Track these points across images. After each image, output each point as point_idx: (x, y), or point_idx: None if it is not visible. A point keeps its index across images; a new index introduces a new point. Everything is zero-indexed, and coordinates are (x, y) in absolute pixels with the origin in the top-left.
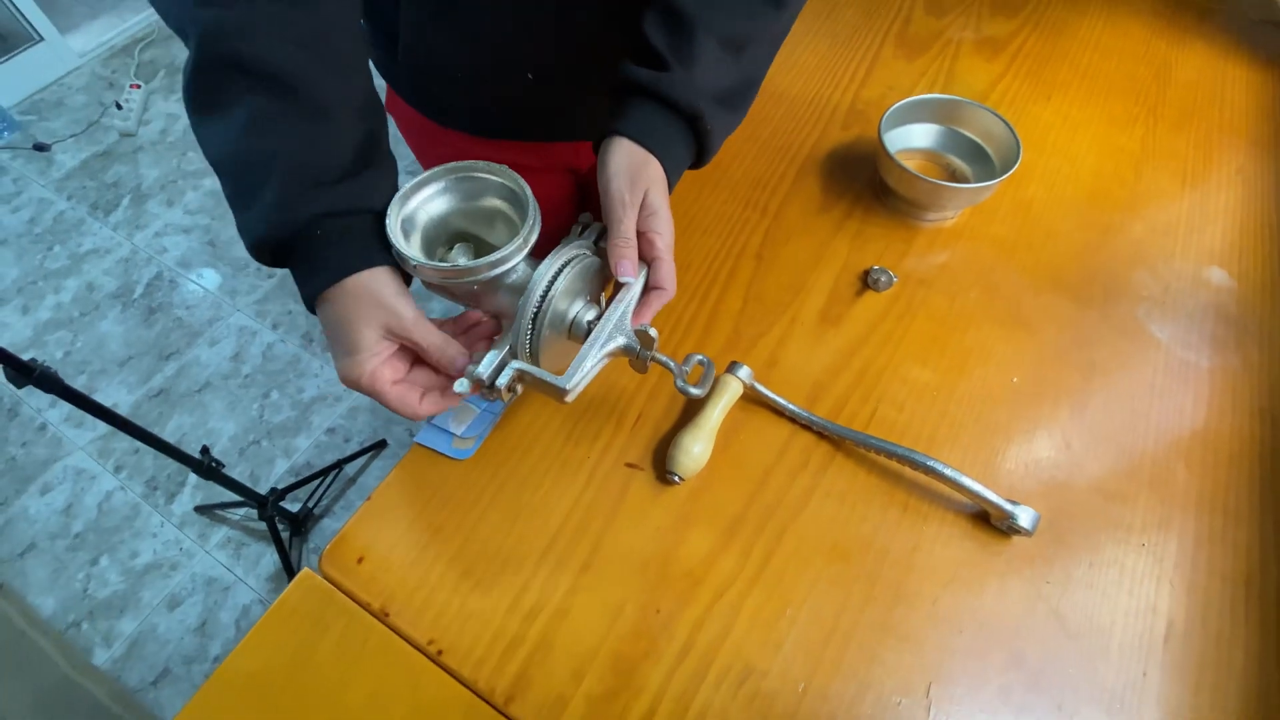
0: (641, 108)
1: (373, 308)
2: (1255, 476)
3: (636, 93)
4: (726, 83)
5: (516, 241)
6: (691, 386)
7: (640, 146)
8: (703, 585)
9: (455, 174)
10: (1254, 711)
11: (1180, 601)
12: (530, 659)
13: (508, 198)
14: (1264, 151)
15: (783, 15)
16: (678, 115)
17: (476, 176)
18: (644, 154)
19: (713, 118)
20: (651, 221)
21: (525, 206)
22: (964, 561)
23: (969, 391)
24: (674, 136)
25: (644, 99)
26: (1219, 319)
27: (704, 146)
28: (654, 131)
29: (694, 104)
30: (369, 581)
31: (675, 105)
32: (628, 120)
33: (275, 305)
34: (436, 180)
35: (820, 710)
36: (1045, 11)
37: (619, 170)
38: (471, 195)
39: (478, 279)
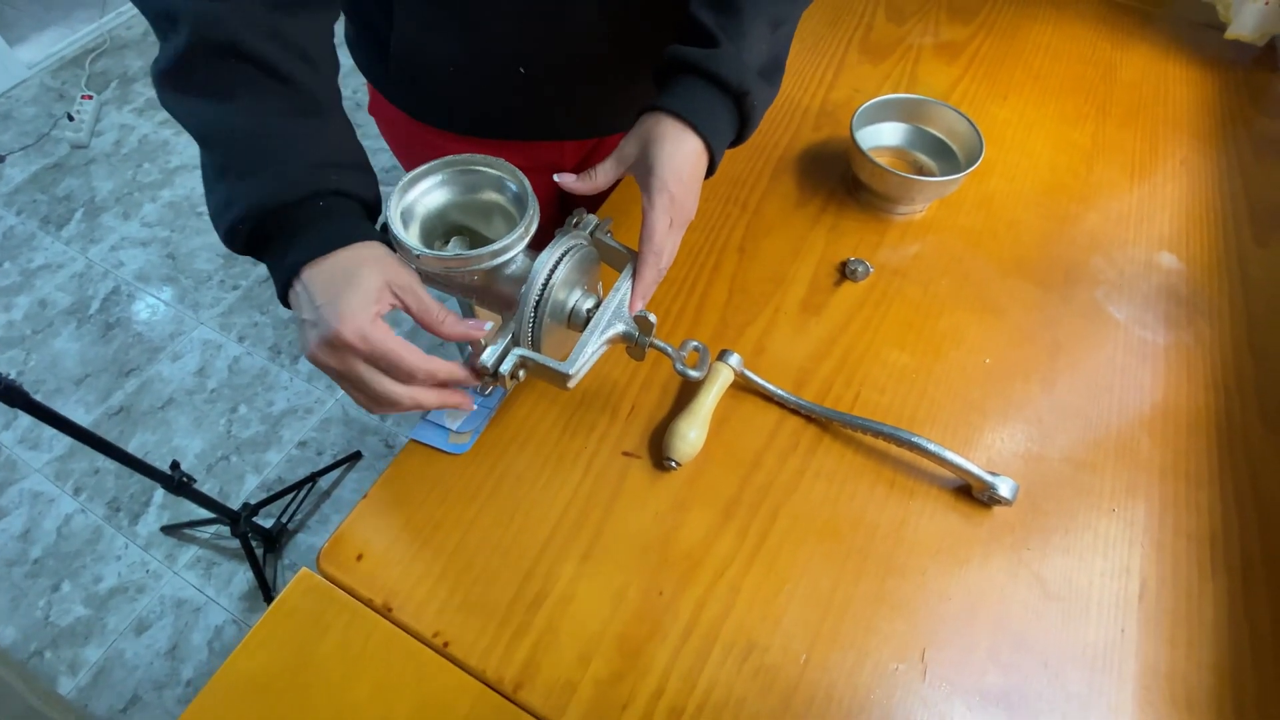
0: (689, 84)
1: (375, 261)
2: (1212, 443)
3: (685, 70)
4: (766, 59)
5: (518, 231)
6: (690, 369)
7: (678, 120)
8: (703, 566)
9: (454, 167)
10: (1225, 661)
11: (1151, 561)
12: (537, 646)
13: (505, 191)
14: (1205, 144)
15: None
16: (725, 92)
17: (476, 170)
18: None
19: (757, 93)
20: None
21: (525, 199)
22: (949, 533)
23: (945, 373)
24: (719, 112)
25: (693, 76)
26: (1171, 299)
27: (747, 121)
28: (699, 107)
29: (743, 80)
30: (369, 578)
31: (725, 82)
32: (673, 96)
33: (240, 318)
34: (436, 173)
35: (821, 680)
36: (998, 17)
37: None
38: (470, 188)
39: (479, 268)
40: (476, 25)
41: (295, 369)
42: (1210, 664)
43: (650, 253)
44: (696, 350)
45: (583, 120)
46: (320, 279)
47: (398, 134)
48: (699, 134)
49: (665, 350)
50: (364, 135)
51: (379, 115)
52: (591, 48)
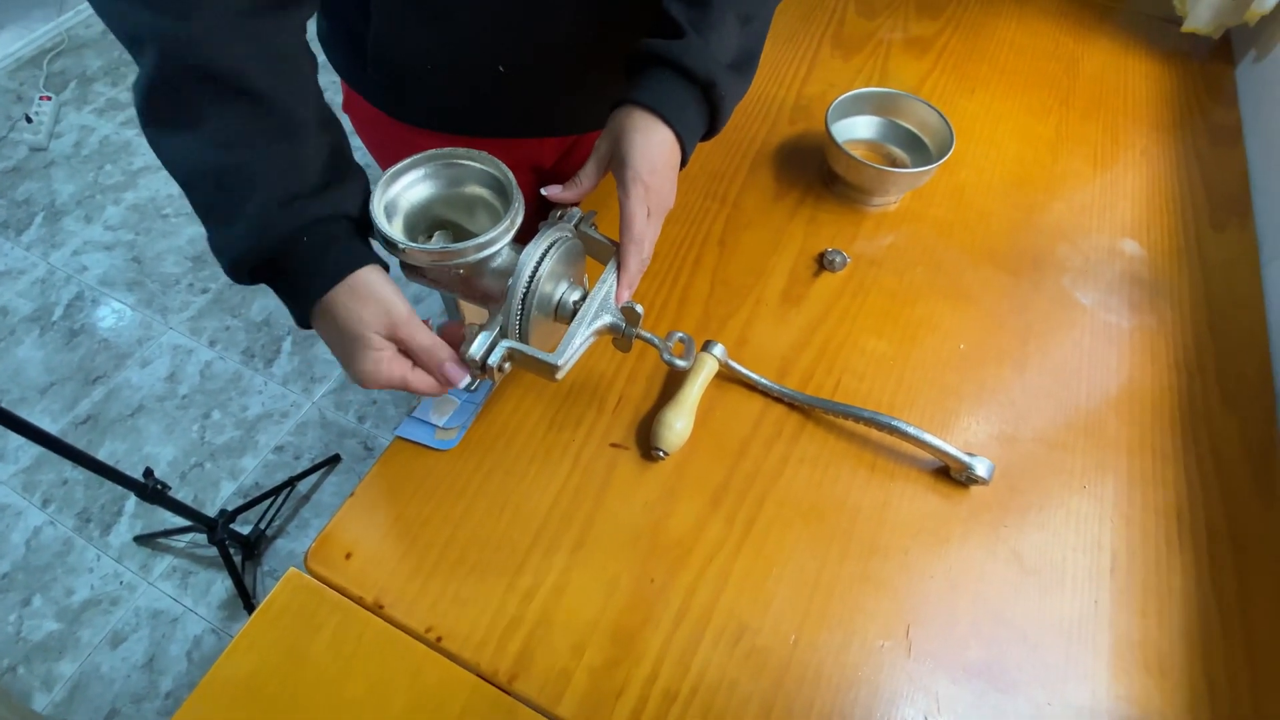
0: (656, 75)
1: (372, 305)
2: (1176, 421)
3: (652, 62)
4: (736, 52)
5: (503, 224)
6: (677, 359)
7: (647, 111)
8: (693, 553)
9: (438, 160)
10: (1194, 628)
11: (1121, 535)
12: (530, 637)
13: (489, 184)
14: (1164, 135)
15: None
16: (692, 82)
17: (459, 163)
18: (637, 113)
19: (725, 85)
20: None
21: (509, 192)
22: (930, 513)
23: (921, 359)
24: (687, 102)
25: (659, 67)
26: (1134, 284)
27: (717, 113)
28: (668, 98)
29: (709, 70)
30: (360, 576)
31: (691, 72)
32: (640, 88)
33: (211, 321)
34: (419, 166)
35: (811, 659)
36: (964, 13)
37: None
38: (453, 182)
39: (465, 261)
40: (456, 23)
41: (269, 372)
42: (1180, 631)
43: (631, 242)
44: (682, 341)
45: (562, 117)
46: (328, 333)
47: (373, 132)
48: (668, 124)
49: (652, 341)
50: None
51: (353, 113)
52: (571, 45)
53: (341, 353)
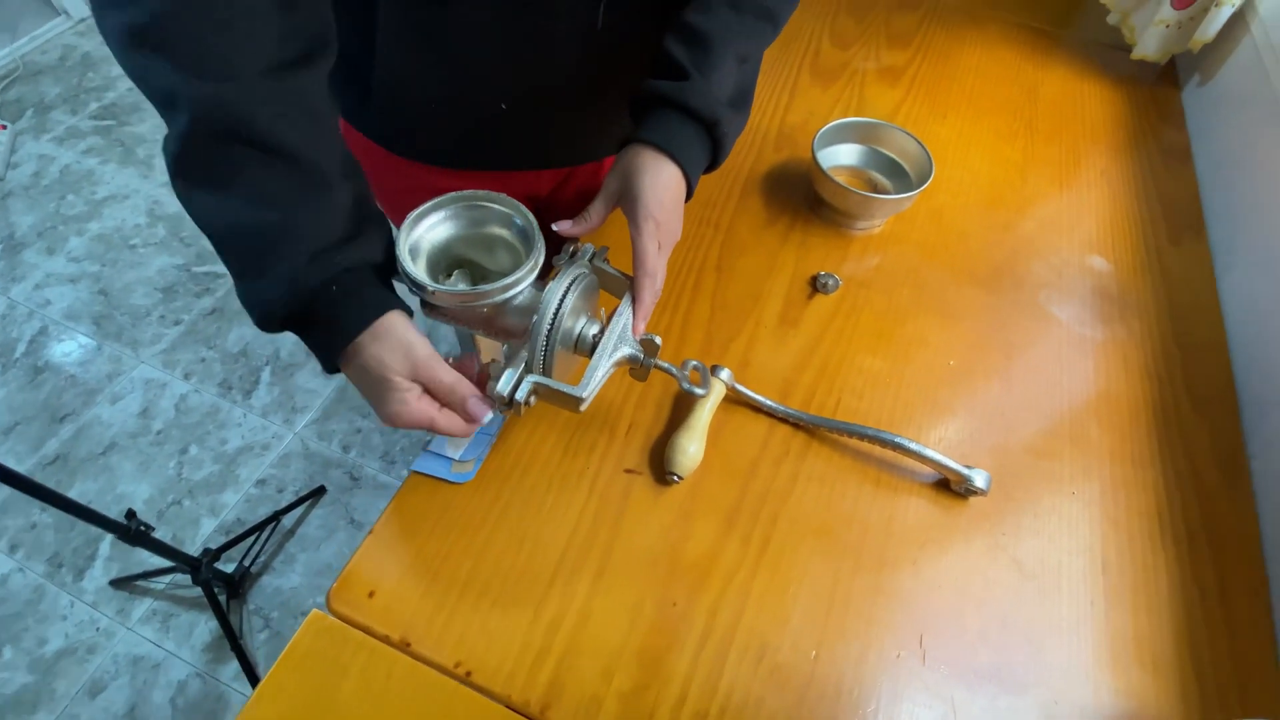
0: (663, 115)
1: (396, 350)
2: (1151, 427)
3: (658, 102)
4: (734, 89)
5: (528, 265)
6: (696, 387)
7: (655, 150)
8: (711, 574)
9: (460, 202)
10: (1181, 623)
11: (1110, 538)
12: (559, 666)
13: (509, 226)
14: (1121, 155)
15: (776, 32)
16: (697, 121)
17: (481, 205)
18: (645, 153)
19: (727, 122)
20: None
21: (530, 233)
22: (933, 524)
23: (915, 375)
24: (692, 140)
25: (665, 107)
26: (1104, 298)
27: (719, 148)
28: (674, 137)
29: (713, 110)
30: (384, 614)
31: (696, 112)
32: (648, 128)
33: (185, 353)
34: (441, 208)
35: (831, 673)
36: (932, 41)
37: (616, 166)
38: (474, 223)
39: (491, 301)
40: (462, 62)
41: (248, 404)
42: (1169, 627)
43: (645, 276)
44: (697, 370)
45: (559, 151)
46: (356, 377)
47: (368, 166)
48: (675, 161)
49: (670, 371)
50: None
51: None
52: (573, 83)
53: (370, 396)
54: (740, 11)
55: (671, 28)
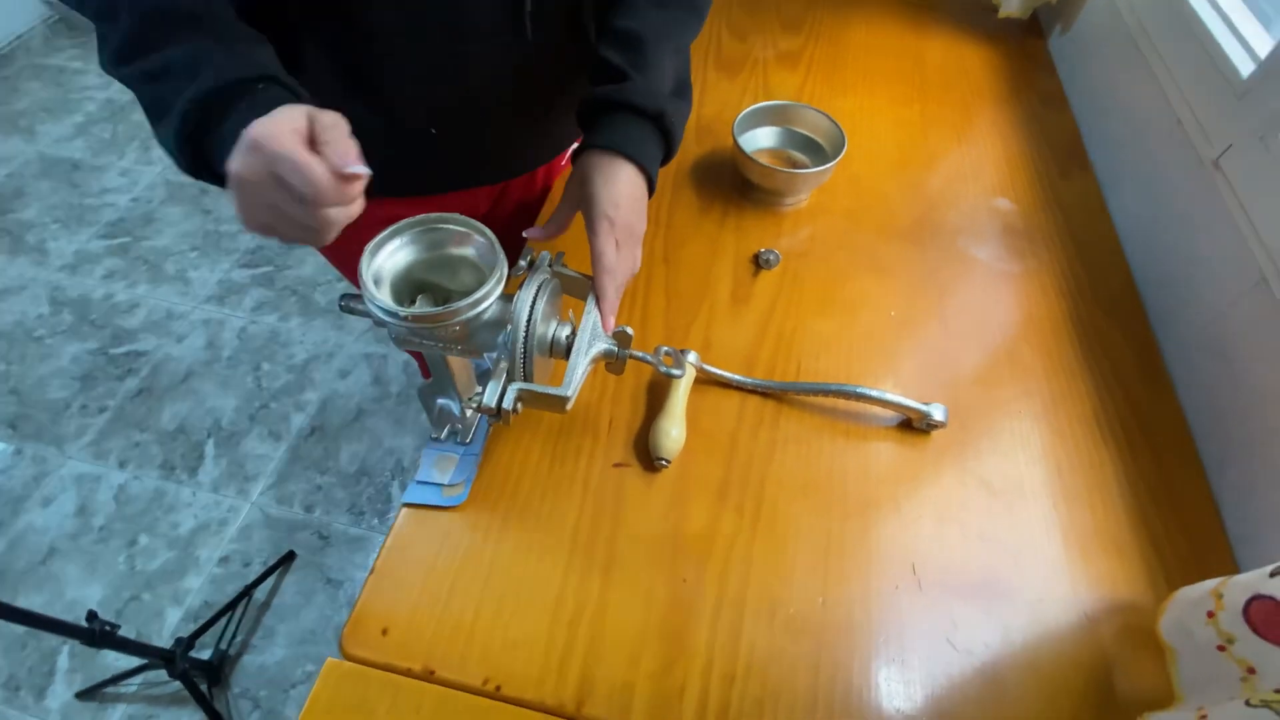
0: (611, 118)
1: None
2: (1075, 341)
3: (604, 107)
4: (674, 80)
5: (494, 278)
6: (673, 369)
7: (608, 153)
8: (714, 546)
9: (416, 227)
10: (1133, 510)
11: (1058, 446)
12: (586, 661)
13: (468, 243)
14: (1004, 105)
15: (701, 21)
16: (644, 117)
17: (437, 227)
18: (600, 156)
19: (673, 112)
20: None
21: (493, 248)
22: (905, 462)
23: (862, 330)
24: (644, 136)
25: (612, 110)
26: (1013, 234)
27: (670, 139)
28: (624, 136)
29: (658, 103)
30: (402, 648)
31: (641, 108)
32: (599, 133)
33: (116, 441)
34: (399, 235)
35: (840, 614)
36: (821, 25)
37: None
38: (434, 245)
39: (462, 319)
40: (386, 92)
41: (195, 482)
42: (1124, 514)
43: (604, 273)
44: (669, 354)
45: (492, 168)
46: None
47: None
48: (629, 159)
49: (644, 359)
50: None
51: None
52: (499, 99)
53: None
54: (665, 7)
55: (603, 36)
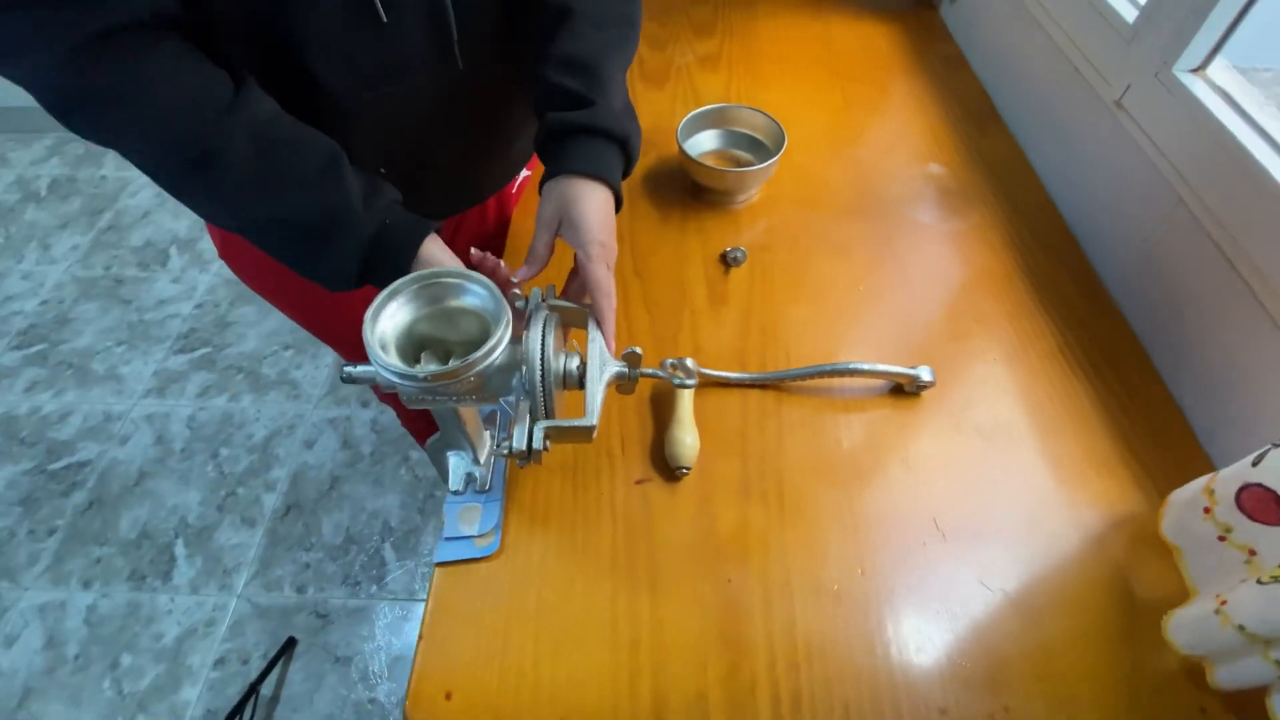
0: (582, 143)
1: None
2: (1027, 285)
3: (574, 132)
4: (624, 100)
5: (503, 324)
6: (687, 379)
7: (584, 178)
8: (749, 541)
9: (415, 284)
10: (1110, 433)
11: (1033, 385)
12: (654, 681)
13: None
14: (913, 75)
15: (638, 33)
16: (611, 140)
17: (437, 282)
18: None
19: (635, 134)
20: (577, 238)
21: (494, 295)
22: (904, 425)
23: (836, 310)
24: (613, 159)
25: (582, 135)
26: (950, 195)
27: (630, 158)
28: (600, 161)
29: (623, 127)
30: (469, 708)
31: (609, 132)
32: (572, 158)
33: (75, 561)
34: (398, 294)
35: (881, 580)
36: (731, 26)
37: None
38: (432, 300)
39: (478, 370)
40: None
41: (172, 586)
42: (1105, 437)
43: (604, 298)
44: (676, 365)
45: (444, 201)
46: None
47: (265, 273)
48: (604, 182)
49: (658, 375)
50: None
51: (235, 259)
52: (440, 135)
53: None
54: (603, 28)
55: (550, 62)
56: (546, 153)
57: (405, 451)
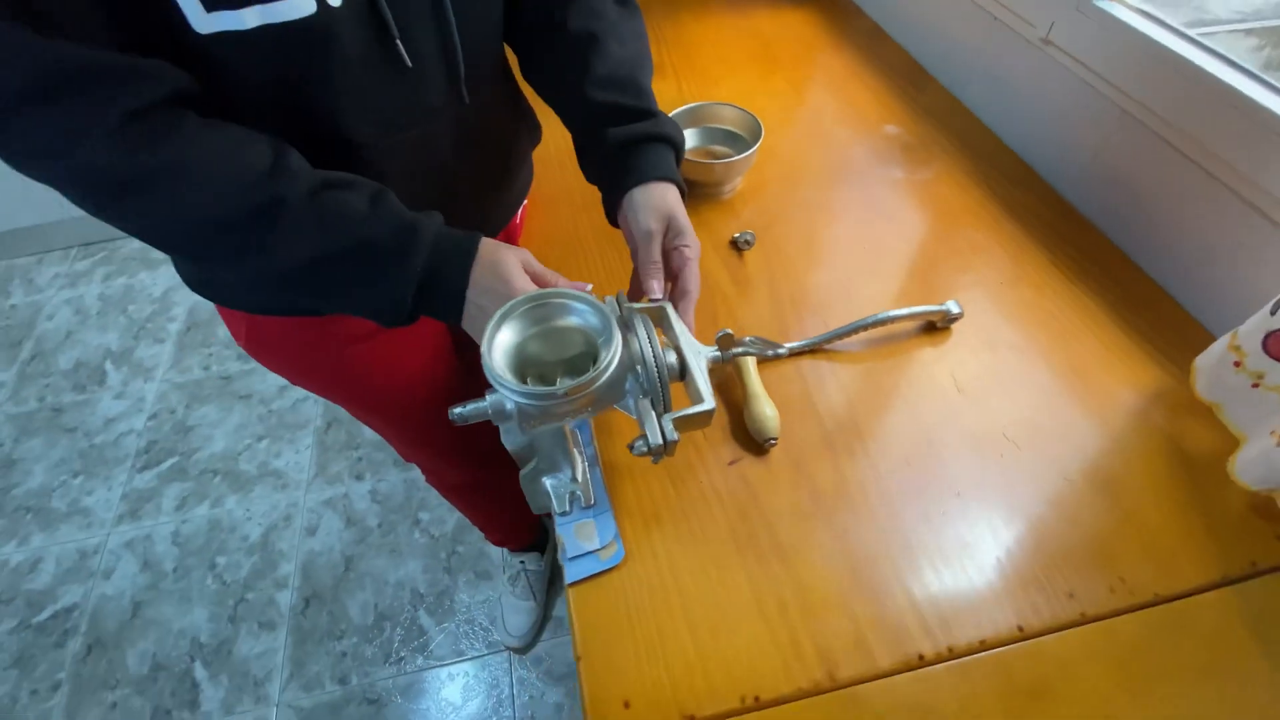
0: (655, 150)
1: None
2: (1005, 213)
3: (643, 141)
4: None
5: (617, 336)
6: (780, 348)
7: (667, 182)
8: (851, 492)
9: (529, 304)
10: (1121, 324)
11: (1042, 294)
12: (813, 638)
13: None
14: (844, 53)
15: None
16: (671, 146)
17: (547, 303)
18: (664, 187)
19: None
20: (679, 239)
21: (601, 309)
22: (947, 357)
23: (850, 269)
24: (674, 163)
25: (653, 143)
26: (912, 149)
27: (679, 161)
28: (670, 165)
29: (680, 134)
30: (652, 709)
31: (670, 139)
32: (652, 166)
33: (89, 711)
34: (508, 320)
35: (976, 496)
36: (662, 34)
37: (645, 207)
38: (538, 320)
39: (606, 377)
40: None
41: (202, 714)
42: (1115, 331)
43: (697, 290)
44: (755, 340)
45: None
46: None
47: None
48: (677, 185)
49: (747, 351)
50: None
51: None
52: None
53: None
54: (627, 44)
55: (590, 84)
56: (614, 165)
57: (414, 515)
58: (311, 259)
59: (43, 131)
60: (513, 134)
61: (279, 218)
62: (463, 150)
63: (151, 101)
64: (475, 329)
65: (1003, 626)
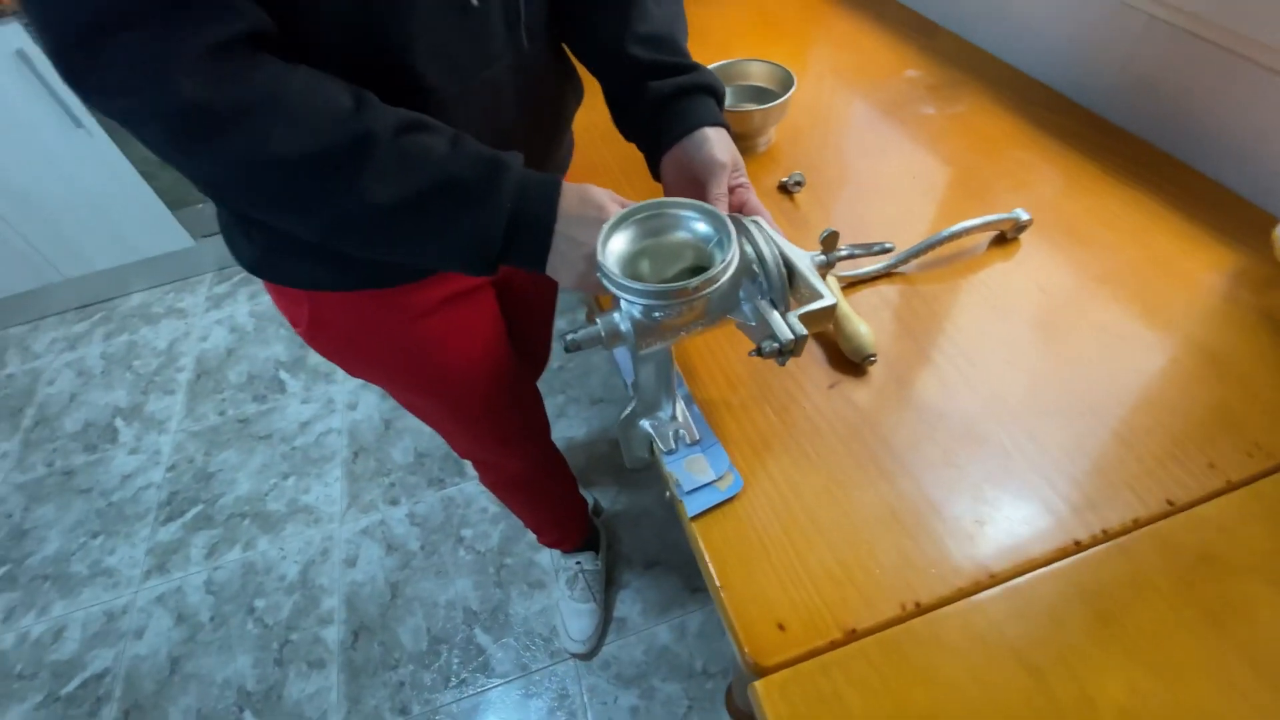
0: (703, 100)
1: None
2: (1044, 131)
3: (692, 91)
4: None
5: (734, 234)
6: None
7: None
8: (959, 398)
9: (644, 213)
10: (1184, 218)
11: (1104, 201)
12: (959, 542)
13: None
14: (858, 15)
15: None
16: (714, 96)
17: (663, 214)
18: (720, 130)
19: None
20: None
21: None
22: (1022, 261)
23: (907, 198)
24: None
25: (701, 94)
26: (936, 89)
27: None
28: (714, 113)
29: (721, 85)
30: (810, 628)
31: (715, 90)
32: (707, 112)
33: None
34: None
35: (1095, 391)
36: None
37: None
38: (653, 232)
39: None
40: None
41: None
42: (1183, 224)
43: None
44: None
45: None
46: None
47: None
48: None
49: (853, 253)
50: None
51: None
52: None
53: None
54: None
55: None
56: (663, 115)
57: (456, 533)
58: (401, 198)
59: (137, 55)
60: (561, 92)
61: (370, 154)
62: (524, 98)
63: (234, 35)
64: (561, 266)
65: (1153, 504)
